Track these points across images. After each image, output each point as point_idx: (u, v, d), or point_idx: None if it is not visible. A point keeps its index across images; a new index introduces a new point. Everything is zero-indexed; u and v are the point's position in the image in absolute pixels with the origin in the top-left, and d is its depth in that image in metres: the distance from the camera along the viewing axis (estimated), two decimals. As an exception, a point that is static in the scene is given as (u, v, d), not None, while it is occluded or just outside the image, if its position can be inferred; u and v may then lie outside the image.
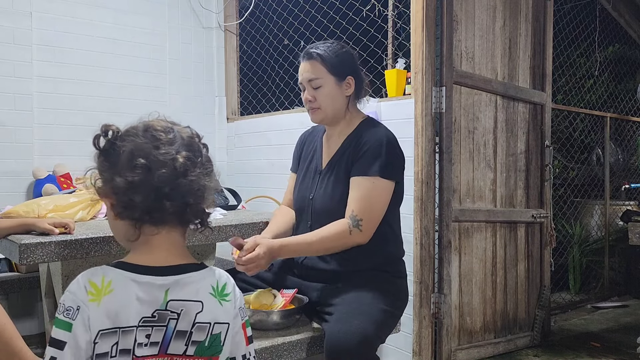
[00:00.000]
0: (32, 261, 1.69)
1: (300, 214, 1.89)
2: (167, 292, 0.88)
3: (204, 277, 0.93)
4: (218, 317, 0.91)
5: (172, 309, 0.88)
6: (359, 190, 1.69)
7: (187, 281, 0.91)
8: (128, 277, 0.88)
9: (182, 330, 0.88)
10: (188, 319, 0.89)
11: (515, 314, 2.89)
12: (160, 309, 0.87)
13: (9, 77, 2.96)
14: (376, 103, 2.63)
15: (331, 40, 1.84)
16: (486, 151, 2.75)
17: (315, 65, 1.76)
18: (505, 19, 2.82)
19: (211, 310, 0.91)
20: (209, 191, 0.96)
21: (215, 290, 0.92)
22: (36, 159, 3.03)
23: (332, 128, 1.85)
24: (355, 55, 1.84)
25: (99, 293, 0.86)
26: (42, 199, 2.19)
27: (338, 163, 1.78)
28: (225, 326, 0.92)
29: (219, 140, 3.83)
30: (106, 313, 0.85)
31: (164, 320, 0.87)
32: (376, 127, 1.79)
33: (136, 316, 0.86)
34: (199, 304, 0.90)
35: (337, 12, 3.07)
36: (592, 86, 4.74)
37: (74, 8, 3.17)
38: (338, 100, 1.78)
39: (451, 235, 2.56)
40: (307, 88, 1.79)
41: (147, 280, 0.88)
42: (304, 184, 1.89)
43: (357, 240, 1.69)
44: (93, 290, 0.86)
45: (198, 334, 0.89)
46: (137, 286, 0.87)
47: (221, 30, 3.82)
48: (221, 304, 0.92)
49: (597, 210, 4.32)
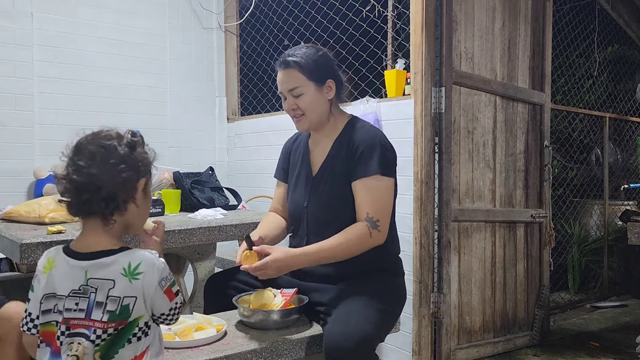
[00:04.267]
0: (33, 261, 1.69)
1: (295, 222, 1.88)
2: (86, 272, 1.15)
3: (116, 261, 1.16)
4: (127, 291, 1.15)
5: (92, 285, 1.15)
6: (367, 192, 1.68)
7: (101, 264, 1.16)
8: (64, 259, 1.18)
9: (99, 301, 1.14)
10: (103, 293, 1.14)
11: (514, 313, 2.90)
12: (83, 284, 1.15)
13: (10, 77, 2.97)
14: (376, 103, 2.64)
15: (307, 45, 1.82)
16: (485, 151, 2.75)
17: (294, 73, 1.74)
18: (504, 20, 2.83)
19: (121, 287, 1.15)
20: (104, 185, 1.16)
21: (126, 271, 1.15)
22: (37, 159, 3.05)
23: (317, 133, 1.84)
24: (332, 57, 1.82)
25: (48, 268, 1.18)
26: (43, 198, 2.20)
27: (331, 167, 1.77)
28: (133, 299, 1.15)
29: (219, 140, 3.84)
30: (49, 282, 1.18)
31: (87, 293, 1.15)
32: (364, 126, 1.79)
33: (67, 289, 1.16)
34: (111, 282, 1.15)
35: (337, 13, 3.08)
36: (591, 86, 4.75)
37: (75, 9, 3.18)
38: (320, 105, 1.77)
39: (450, 235, 2.57)
40: (288, 97, 1.77)
41: (73, 264, 1.17)
42: (296, 192, 1.87)
43: (378, 241, 1.69)
44: (46, 264, 1.19)
45: (111, 304, 1.14)
46: (68, 266, 1.17)
47: (221, 31, 3.83)
48: (131, 281, 1.15)
49: (596, 210, 4.33)
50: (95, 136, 1.21)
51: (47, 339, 1.17)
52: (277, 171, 2.04)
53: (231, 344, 1.59)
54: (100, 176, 1.15)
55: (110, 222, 1.19)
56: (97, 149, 1.18)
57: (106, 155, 1.17)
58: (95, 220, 1.19)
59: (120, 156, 1.18)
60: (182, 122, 3.60)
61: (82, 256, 1.17)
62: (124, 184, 1.18)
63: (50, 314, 1.17)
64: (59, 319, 1.15)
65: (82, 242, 1.20)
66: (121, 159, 1.18)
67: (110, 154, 1.18)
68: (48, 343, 1.17)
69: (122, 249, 1.19)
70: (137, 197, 1.23)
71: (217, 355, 1.50)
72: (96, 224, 1.19)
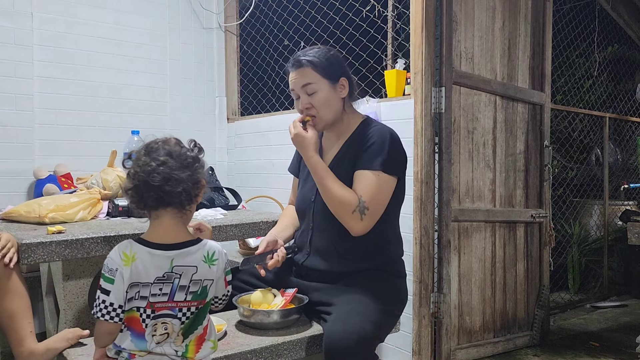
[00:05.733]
0: (33, 261, 1.70)
1: (302, 216, 1.90)
2: (172, 261, 1.30)
3: (199, 249, 1.34)
4: (206, 275, 1.34)
5: (176, 271, 1.30)
6: (365, 182, 1.68)
7: (186, 253, 1.32)
8: (145, 251, 1.30)
9: (183, 285, 1.30)
10: (187, 278, 1.31)
11: (514, 313, 2.90)
12: (167, 271, 1.29)
13: (10, 77, 2.97)
14: (376, 103, 2.64)
15: (317, 46, 1.83)
16: (485, 151, 2.75)
17: (307, 71, 1.74)
18: (504, 20, 2.83)
19: (202, 272, 1.33)
20: (183, 180, 1.31)
21: (206, 258, 1.35)
22: (37, 159, 3.04)
23: (331, 131, 1.85)
24: (342, 57, 1.84)
25: (128, 260, 1.29)
26: (43, 198, 2.20)
27: (340, 165, 1.78)
28: (211, 281, 1.35)
29: (219, 140, 3.84)
30: (133, 272, 1.28)
31: (170, 279, 1.30)
32: (378, 125, 1.79)
33: (152, 276, 1.29)
34: (194, 268, 1.32)
35: (336, 13, 3.08)
36: (591, 86, 4.75)
37: (75, 8, 3.18)
38: (334, 103, 1.77)
39: (450, 235, 2.57)
40: (302, 95, 1.77)
41: (159, 254, 1.30)
42: (305, 187, 1.89)
43: (353, 224, 1.68)
44: (124, 258, 1.29)
45: (193, 286, 1.32)
46: (152, 257, 1.30)
47: (221, 31, 3.83)
48: (210, 267, 1.35)
49: (596, 210, 4.33)
50: (164, 142, 1.36)
51: (130, 323, 1.31)
52: (292, 165, 2.06)
53: (231, 344, 1.59)
54: (180, 172, 1.31)
55: (186, 212, 1.36)
56: (173, 149, 1.34)
57: (182, 155, 1.34)
58: (172, 211, 1.33)
59: (193, 157, 1.37)
60: (182, 122, 3.60)
61: (168, 247, 1.31)
62: (198, 181, 1.35)
63: (132, 301, 1.29)
64: (142, 304, 1.29)
65: (160, 234, 1.34)
66: (193, 159, 1.36)
67: (185, 154, 1.35)
68: (129, 327, 1.31)
69: (198, 239, 1.37)
70: (201, 193, 1.39)
71: (217, 355, 1.50)
72: (172, 215, 1.33)
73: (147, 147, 1.35)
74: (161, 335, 1.29)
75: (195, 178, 1.34)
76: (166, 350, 1.30)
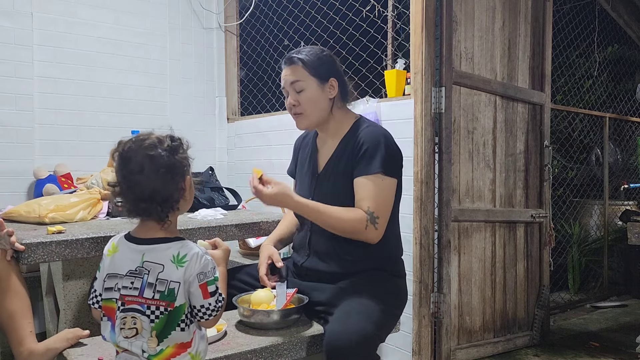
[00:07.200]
0: (33, 261, 1.70)
1: (300, 218, 1.89)
2: (143, 256, 1.29)
3: (169, 248, 1.29)
4: (172, 276, 1.27)
5: (146, 267, 1.28)
6: (369, 188, 1.68)
7: (156, 249, 1.29)
8: (125, 244, 1.32)
9: (150, 282, 1.27)
10: (154, 275, 1.27)
11: (514, 313, 2.90)
12: (139, 266, 1.28)
13: (10, 77, 2.97)
14: (376, 103, 2.64)
15: (311, 46, 1.85)
16: (485, 151, 2.75)
17: (297, 69, 1.76)
18: (504, 20, 2.83)
19: (169, 272, 1.27)
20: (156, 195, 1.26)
21: (175, 258, 1.28)
22: (37, 159, 3.04)
23: (323, 131, 1.85)
24: (336, 59, 1.84)
25: (112, 251, 1.32)
26: (43, 198, 2.20)
27: (335, 166, 1.78)
28: (177, 284, 1.27)
29: (219, 140, 3.84)
30: (112, 263, 1.31)
31: (141, 274, 1.27)
32: (370, 126, 1.79)
33: (126, 268, 1.29)
34: (161, 266, 1.27)
35: (336, 13, 3.08)
36: (591, 86, 4.75)
37: (75, 8, 3.18)
38: (321, 103, 1.77)
39: (450, 235, 2.57)
40: (290, 92, 1.78)
41: (133, 247, 1.30)
42: (302, 188, 1.90)
43: (370, 236, 1.69)
44: (110, 248, 1.33)
45: (160, 285, 1.26)
46: (129, 250, 1.31)
47: (221, 31, 3.83)
48: (177, 268, 1.27)
49: (596, 210, 4.33)
50: (138, 145, 1.27)
51: (109, 313, 1.31)
52: (290, 167, 2.07)
53: (231, 344, 1.59)
54: (153, 186, 1.25)
55: (167, 222, 1.31)
56: (144, 160, 1.25)
57: (154, 166, 1.26)
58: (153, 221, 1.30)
59: (167, 164, 1.27)
60: (182, 122, 3.60)
61: (142, 241, 1.30)
62: (175, 189, 1.29)
63: (111, 291, 1.30)
64: (117, 295, 1.29)
65: (139, 228, 1.33)
66: (168, 167, 1.27)
67: (157, 163, 1.26)
68: (109, 317, 1.31)
69: (176, 238, 1.32)
70: (185, 194, 1.33)
71: (217, 355, 1.50)
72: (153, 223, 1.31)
73: (121, 156, 1.28)
74: (130, 329, 1.26)
75: (173, 185, 1.28)
76: (133, 349, 1.26)
